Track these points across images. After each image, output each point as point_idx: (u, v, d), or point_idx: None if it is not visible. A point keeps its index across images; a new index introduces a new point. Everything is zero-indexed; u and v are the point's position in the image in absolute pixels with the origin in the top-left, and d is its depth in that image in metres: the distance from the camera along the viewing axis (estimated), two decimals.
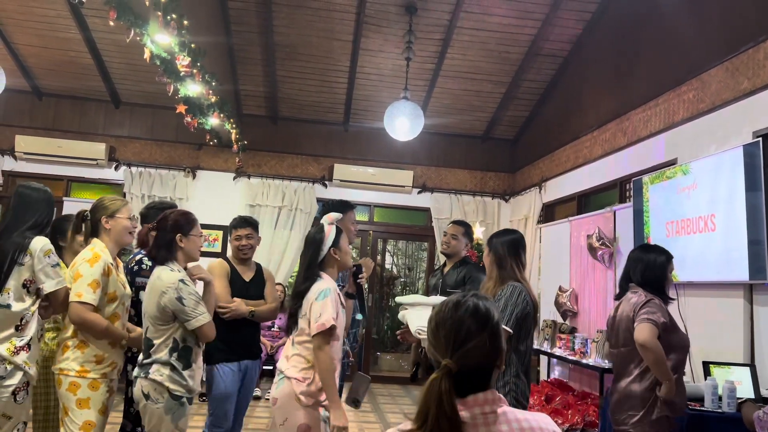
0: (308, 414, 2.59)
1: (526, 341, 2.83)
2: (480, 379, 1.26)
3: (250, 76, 7.48)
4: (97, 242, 2.80)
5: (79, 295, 2.63)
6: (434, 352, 1.27)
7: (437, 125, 7.93)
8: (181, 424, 2.66)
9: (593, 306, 5.74)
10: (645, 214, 4.87)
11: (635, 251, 3.29)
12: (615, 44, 5.94)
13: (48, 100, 7.86)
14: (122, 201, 2.91)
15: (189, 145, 7.90)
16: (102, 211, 2.84)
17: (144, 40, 4.47)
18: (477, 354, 1.24)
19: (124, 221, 2.86)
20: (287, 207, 7.94)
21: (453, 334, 1.25)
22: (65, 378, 2.66)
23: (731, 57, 4.22)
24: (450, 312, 1.28)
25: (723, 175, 4.04)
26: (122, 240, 2.87)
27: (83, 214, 2.91)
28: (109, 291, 2.74)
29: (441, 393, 1.18)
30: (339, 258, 2.81)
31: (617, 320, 3.11)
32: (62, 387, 2.67)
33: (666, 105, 4.96)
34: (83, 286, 2.64)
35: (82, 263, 2.70)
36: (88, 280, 2.65)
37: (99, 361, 2.71)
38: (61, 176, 7.73)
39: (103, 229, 2.83)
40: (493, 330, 1.28)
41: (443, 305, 1.32)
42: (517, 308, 2.74)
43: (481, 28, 6.47)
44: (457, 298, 1.32)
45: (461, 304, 1.29)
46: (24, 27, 6.67)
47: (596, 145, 6.11)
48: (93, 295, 2.64)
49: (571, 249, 6.18)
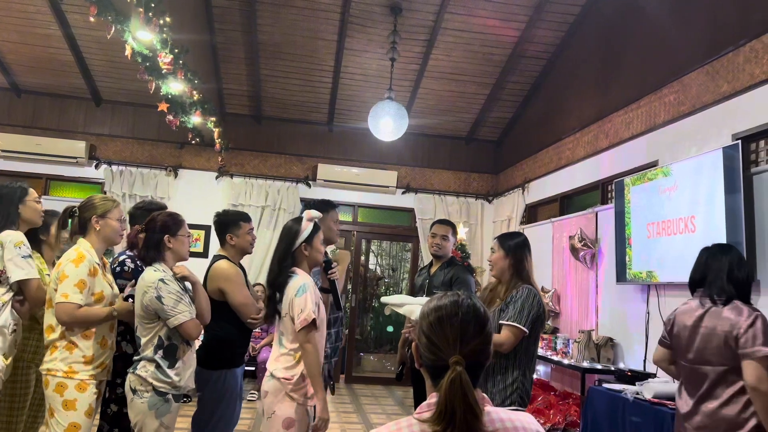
0: (295, 408, 2.66)
1: (535, 344, 2.89)
2: (473, 379, 1.25)
3: (233, 75, 7.43)
4: (82, 242, 2.76)
5: (65, 296, 2.58)
6: (435, 350, 1.25)
7: (421, 126, 7.94)
8: (166, 421, 2.67)
9: (575, 306, 5.78)
10: (626, 215, 4.92)
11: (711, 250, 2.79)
12: (598, 47, 5.99)
13: (27, 97, 7.74)
14: (113, 202, 2.87)
15: (171, 143, 7.83)
16: (92, 210, 2.80)
17: (125, 37, 4.41)
18: (476, 352, 1.25)
19: (114, 223, 2.82)
20: (270, 207, 7.90)
21: (460, 331, 1.25)
22: (52, 378, 2.60)
23: (712, 60, 4.27)
24: (455, 309, 1.28)
25: (703, 177, 4.09)
26: (110, 241, 2.84)
27: (70, 210, 2.87)
28: (96, 291, 2.69)
29: (464, 387, 1.18)
30: (308, 254, 2.89)
31: (702, 334, 2.62)
32: (49, 387, 2.61)
33: (647, 107, 5.01)
34: (69, 287, 2.59)
35: (67, 263, 2.64)
36: (74, 280, 2.60)
37: (88, 362, 2.65)
38: (40, 174, 7.61)
39: (93, 229, 2.78)
40: (490, 331, 1.30)
41: (441, 303, 1.30)
42: (533, 310, 2.79)
43: (466, 29, 6.49)
44: (453, 297, 1.31)
45: (462, 303, 1.29)
46: (2, 23, 6.56)
47: (579, 147, 6.16)
48: (80, 295, 2.60)
49: (554, 250, 6.23)
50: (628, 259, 4.86)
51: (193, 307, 2.81)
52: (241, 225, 3.40)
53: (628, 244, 4.88)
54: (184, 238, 2.88)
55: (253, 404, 6.34)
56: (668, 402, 3.49)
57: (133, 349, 2.94)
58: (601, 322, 5.37)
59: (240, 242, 3.40)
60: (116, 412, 2.95)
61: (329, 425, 2.74)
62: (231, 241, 3.39)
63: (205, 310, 2.90)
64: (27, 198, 3.00)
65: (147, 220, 2.88)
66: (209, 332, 3.27)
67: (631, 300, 4.94)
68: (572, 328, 5.72)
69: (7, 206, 2.94)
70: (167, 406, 2.67)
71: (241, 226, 3.40)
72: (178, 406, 2.75)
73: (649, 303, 4.69)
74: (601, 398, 4.06)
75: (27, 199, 3.00)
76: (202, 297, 2.90)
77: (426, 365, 1.28)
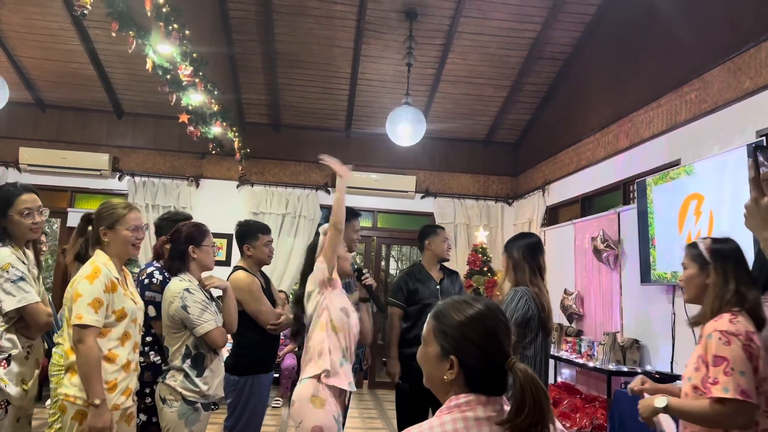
0: (322, 416, 2.64)
1: (533, 346, 2.82)
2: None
3: (251, 85, 7.51)
4: (99, 254, 2.50)
5: (79, 318, 2.31)
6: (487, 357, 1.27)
7: (439, 130, 7.94)
8: (195, 429, 2.70)
9: (599, 308, 5.72)
10: (650, 215, 4.86)
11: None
12: (616, 46, 5.94)
13: (51, 111, 7.90)
14: (125, 208, 2.56)
15: (192, 154, 7.93)
16: (100, 222, 2.53)
17: (146, 51, 4.49)
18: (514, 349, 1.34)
19: (125, 233, 2.52)
20: (291, 214, 7.95)
21: (509, 336, 1.31)
22: (71, 405, 2.35)
23: (733, 57, 4.22)
24: (492, 313, 1.32)
25: (727, 175, 4.03)
26: (124, 253, 2.56)
27: (88, 217, 2.61)
28: (116, 308, 2.42)
29: (537, 383, 1.22)
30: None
31: None
32: (66, 414, 2.35)
33: (668, 106, 4.96)
34: (83, 307, 2.32)
35: (81, 281, 2.38)
36: (87, 299, 2.33)
37: (111, 389, 2.38)
38: (66, 187, 7.76)
39: (104, 242, 2.52)
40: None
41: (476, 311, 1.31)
42: (517, 313, 2.75)
43: (482, 32, 6.48)
44: (490, 303, 1.35)
45: (492, 307, 1.33)
46: (26, 39, 6.71)
47: (599, 147, 6.11)
48: (95, 315, 2.33)
49: (576, 251, 6.17)
50: (653, 260, 4.80)
51: (219, 316, 2.84)
52: (258, 237, 3.47)
53: (651, 245, 4.82)
54: (209, 249, 2.90)
55: (277, 411, 6.37)
56: None
57: (160, 358, 2.97)
58: (625, 324, 5.31)
59: (257, 253, 3.46)
60: (145, 421, 2.98)
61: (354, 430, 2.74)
62: (248, 251, 3.46)
63: (233, 317, 2.94)
64: (9, 210, 2.59)
65: (173, 230, 2.93)
66: (235, 339, 3.33)
67: (656, 301, 4.88)
68: (597, 331, 5.66)
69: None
70: (196, 415, 2.71)
71: (258, 237, 3.47)
72: (207, 415, 2.78)
73: (675, 304, 4.63)
74: (628, 401, 4.01)
75: (9, 212, 2.59)
76: (231, 305, 2.95)
77: (471, 374, 1.27)
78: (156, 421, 2.87)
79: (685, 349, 4.45)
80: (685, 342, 4.44)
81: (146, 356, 2.99)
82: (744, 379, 1.83)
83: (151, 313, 2.97)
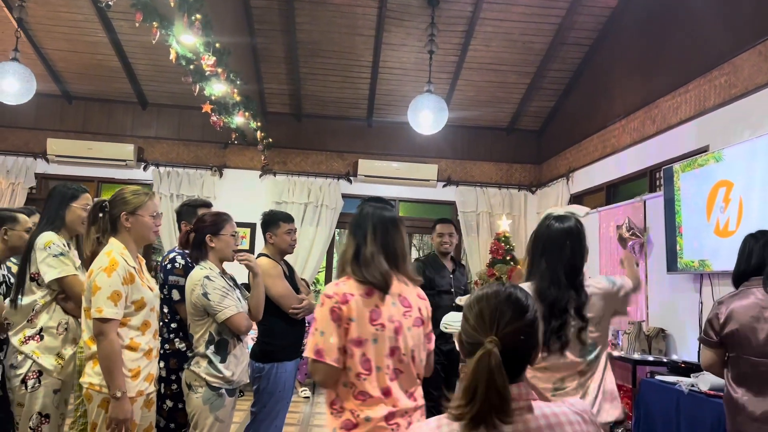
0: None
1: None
2: (515, 368, 1.25)
3: (273, 75, 7.52)
4: (114, 243, 2.51)
5: (99, 311, 2.34)
6: (473, 334, 1.26)
7: (461, 118, 7.88)
8: (220, 415, 2.74)
9: None
10: (676, 203, 4.78)
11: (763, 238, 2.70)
12: (642, 31, 5.82)
13: (77, 103, 8.02)
14: (146, 194, 2.61)
15: (215, 144, 7.99)
16: (122, 206, 2.55)
17: (169, 41, 4.52)
18: (516, 338, 1.24)
19: (147, 219, 2.57)
20: (313, 203, 7.98)
21: (497, 315, 1.25)
22: (97, 394, 2.40)
23: (764, 40, 4.10)
24: (494, 297, 1.30)
25: (758, 162, 3.93)
26: (145, 239, 2.61)
27: (101, 204, 2.61)
28: (135, 299, 2.46)
29: (491, 366, 1.17)
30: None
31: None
32: (93, 402, 2.42)
33: (696, 91, 4.85)
34: (103, 300, 2.35)
35: (98, 273, 2.40)
36: (107, 292, 2.36)
37: (135, 376, 2.43)
38: (92, 177, 7.88)
39: (123, 227, 2.53)
40: (532, 319, 1.29)
41: (485, 294, 1.32)
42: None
43: (505, 18, 6.40)
44: (497, 287, 1.33)
45: (502, 293, 1.31)
46: (53, 32, 6.81)
47: (624, 134, 6.01)
48: (115, 308, 2.36)
49: (600, 239, 6.10)
50: (679, 248, 4.72)
51: (242, 303, 2.87)
52: (280, 225, 3.53)
53: (678, 233, 4.74)
54: (228, 238, 2.89)
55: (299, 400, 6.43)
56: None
57: (185, 345, 3.02)
58: (651, 313, 5.24)
59: (278, 241, 3.50)
60: (171, 407, 3.03)
61: None
62: (270, 239, 3.51)
63: (260, 303, 2.97)
64: (74, 203, 2.95)
65: (195, 219, 2.98)
66: (260, 327, 3.36)
67: (683, 290, 4.80)
68: (622, 320, 5.60)
69: (55, 207, 2.92)
70: (221, 401, 2.74)
71: (279, 225, 3.52)
72: (232, 401, 2.82)
73: (702, 293, 4.55)
74: (654, 391, 3.97)
75: (73, 204, 2.95)
76: (259, 290, 2.97)
77: (467, 351, 1.27)
78: (182, 407, 2.93)
79: None
80: None
81: (171, 343, 3.04)
82: (322, 339, 1.91)
83: (175, 297, 3.02)
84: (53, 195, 2.96)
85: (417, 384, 2.04)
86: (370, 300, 1.96)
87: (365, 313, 1.94)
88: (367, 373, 1.92)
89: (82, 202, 2.97)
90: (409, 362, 2.00)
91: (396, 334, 1.97)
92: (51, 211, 2.92)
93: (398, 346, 1.97)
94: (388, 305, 1.98)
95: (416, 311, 2.06)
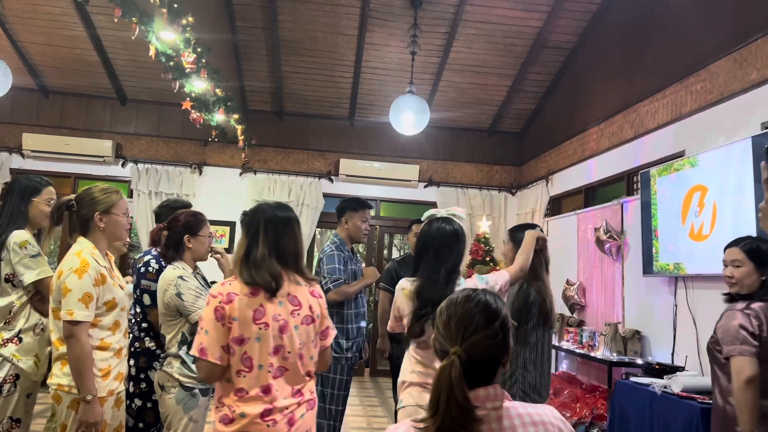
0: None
1: (535, 332, 2.83)
2: (485, 373, 1.27)
3: (255, 72, 7.48)
4: (84, 243, 2.43)
5: (70, 314, 2.27)
6: (442, 342, 1.29)
7: (443, 119, 7.91)
8: (194, 415, 2.72)
9: (601, 299, 5.73)
10: (653, 206, 4.84)
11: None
12: (621, 36, 5.89)
13: (54, 97, 7.89)
14: (116, 192, 2.54)
15: (195, 141, 7.92)
16: (95, 206, 2.47)
17: (149, 38, 4.47)
18: (484, 346, 1.25)
19: (120, 218, 2.52)
20: (294, 202, 7.95)
21: (463, 325, 1.27)
22: (66, 395, 2.34)
23: (739, 48, 4.18)
24: (462, 304, 1.31)
25: (731, 167, 4.01)
26: (117, 238, 2.55)
27: (68, 203, 2.50)
28: (107, 299, 2.40)
29: (452, 379, 1.19)
30: None
31: None
32: (62, 404, 2.35)
33: (673, 97, 4.93)
34: (74, 302, 2.28)
35: (69, 274, 2.31)
36: (78, 294, 2.29)
37: (105, 375, 2.38)
38: (68, 173, 7.77)
39: (96, 227, 2.46)
40: (501, 325, 1.30)
41: (454, 299, 1.34)
42: (516, 301, 2.77)
43: (487, 20, 6.43)
44: (467, 292, 1.34)
45: (472, 298, 1.32)
46: (29, 25, 6.69)
47: (603, 138, 6.08)
48: (86, 311, 2.29)
49: (579, 242, 6.16)
50: (655, 251, 4.79)
51: None
52: None
53: (654, 236, 4.81)
54: (205, 239, 2.88)
55: None
56: (697, 396, 3.45)
57: (155, 344, 2.99)
58: (627, 315, 5.31)
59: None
60: (140, 406, 3.00)
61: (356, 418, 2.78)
62: None
63: None
64: (35, 198, 2.84)
65: (170, 218, 2.92)
66: None
67: (658, 292, 4.87)
68: (598, 321, 5.66)
69: (17, 202, 2.81)
70: (194, 401, 2.72)
71: None
72: (206, 400, 2.80)
73: (676, 295, 4.62)
74: (629, 392, 4.02)
75: (35, 199, 2.83)
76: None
77: (439, 357, 1.29)
78: (151, 407, 2.92)
79: (686, 340, 4.46)
80: (687, 333, 4.45)
81: (141, 341, 3.01)
82: (207, 338, 1.97)
83: (146, 301, 3.00)
84: (13, 189, 2.84)
85: (305, 381, 2.07)
86: (254, 300, 1.99)
87: (248, 312, 1.98)
88: (248, 370, 1.97)
89: (45, 196, 2.87)
90: (296, 360, 2.03)
91: (281, 333, 2.00)
92: (12, 207, 2.80)
93: (283, 345, 2.00)
94: (274, 304, 2.01)
95: (306, 309, 2.08)
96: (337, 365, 3.55)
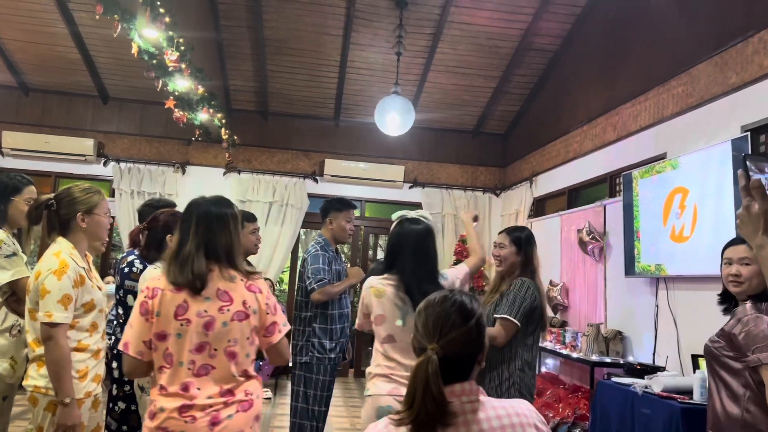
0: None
1: (533, 335, 2.85)
2: (461, 370, 1.33)
3: (239, 71, 7.43)
4: (63, 243, 2.39)
5: (48, 315, 2.23)
6: (420, 339, 1.33)
7: (428, 120, 7.93)
8: None
9: (583, 300, 5.77)
10: (635, 208, 4.89)
11: None
12: (605, 39, 5.94)
13: (35, 95, 7.78)
14: (98, 194, 2.50)
15: (178, 140, 7.85)
16: (76, 206, 2.42)
17: (132, 35, 4.43)
18: (459, 343, 1.31)
19: (102, 219, 2.49)
20: (278, 202, 7.91)
21: (440, 323, 1.32)
22: (42, 397, 2.30)
23: (720, 52, 4.23)
24: (439, 304, 1.36)
25: (712, 170, 4.06)
26: (99, 238, 2.51)
27: (47, 203, 2.44)
28: (85, 301, 2.37)
29: (428, 374, 1.24)
30: None
31: None
32: (38, 406, 2.31)
33: (655, 99, 4.98)
34: (52, 304, 2.24)
35: (47, 275, 2.27)
36: (57, 296, 2.25)
37: (83, 377, 2.34)
38: (49, 172, 7.66)
39: (77, 227, 2.42)
40: (476, 324, 1.35)
41: (432, 300, 1.39)
42: (525, 302, 2.78)
43: (472, 22, 6.45)
44: (444, 293, 1.40)
45: (448, 299, 1.37)
46: (9, 21, 6.59)
47: (586, 140, 6.13)
48: (64, 313, 2.26)
49: (562, 243, 6.21)
50: (637, 253, 4.84)
51: None
52: (243, 224, 3.44)
53: (636, 238, 4.86)
54: None
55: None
56: (677, 396, 3.49)
57: None
58: (609, 316, 5.36)
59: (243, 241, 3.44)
60: (124, 409, 2.97)
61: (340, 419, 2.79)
62: None
63: None
64: (15, 197, 2.77)
65: (150, 218, 2.87)
66: None
67: (640, 293, 4.92)
68: (581, 322, 5.71)
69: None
70: None
71: (243, 225, 3.44)
72: None
73: (658, 296, 4.67)
74: (610, 392, 4.05)
75: (15, 198, 2.76)
76: None
77: (417, 356, 1.33)
78: (135, 409, 2.88)
79: (667, 340, 4.51)
80: (668, 334, 4.50)
81: None
82: (131, 332, 1.98)
83: (130, 302, 2.95)
84: None
85: (238, 381, 1.99)
86: (178, 295, 1.96)
87: (171, 308, 1.95)
88: (168, 366, 1.95)
89: (26, 195, 2.81)
90: (224, 358, 1.97)
91: (206, 329, 1.95)
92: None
93: (208, 342, 1.95)
94: (200, 300, 1.97)
95: (238, 305, 2.00)
96: (320, 366, 3.54)
